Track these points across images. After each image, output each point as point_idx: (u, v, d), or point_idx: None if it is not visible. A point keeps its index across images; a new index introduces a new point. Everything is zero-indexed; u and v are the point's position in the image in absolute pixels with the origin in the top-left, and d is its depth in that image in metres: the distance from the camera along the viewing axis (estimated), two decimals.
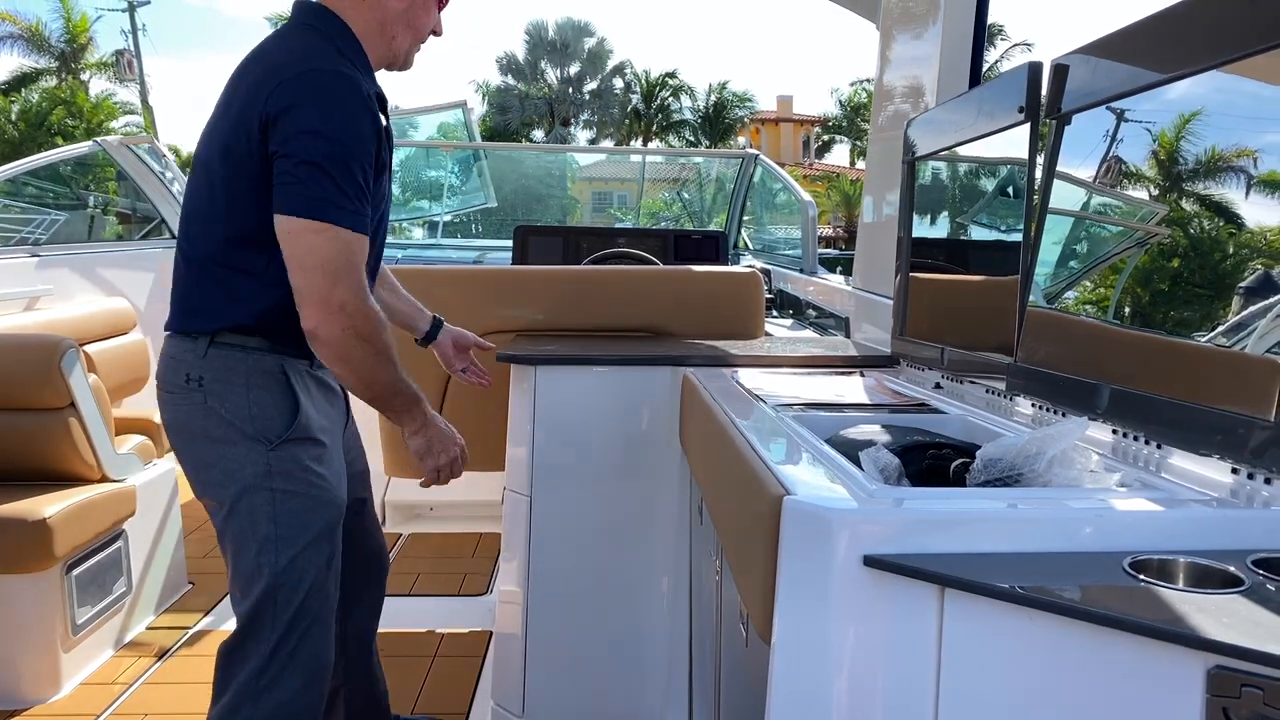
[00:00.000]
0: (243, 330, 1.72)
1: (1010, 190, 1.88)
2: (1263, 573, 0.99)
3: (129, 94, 32.36)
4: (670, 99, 38.54)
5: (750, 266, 4.34)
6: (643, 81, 38.10)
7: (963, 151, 2.10)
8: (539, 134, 35.69)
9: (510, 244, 4.86)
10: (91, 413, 2.93)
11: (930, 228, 2.32)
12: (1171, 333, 1.45)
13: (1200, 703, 0.86)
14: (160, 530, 3.36)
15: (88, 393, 2.93)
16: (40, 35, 31.48)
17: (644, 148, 35.01)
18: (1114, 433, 1.45)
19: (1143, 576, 0.99)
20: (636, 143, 38.30)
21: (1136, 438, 1.40)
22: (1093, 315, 1.68)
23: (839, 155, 40.48)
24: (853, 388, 2.13)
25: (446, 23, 1.94)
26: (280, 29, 1.83)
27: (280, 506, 1.72)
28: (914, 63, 2.79)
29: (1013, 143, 1.81)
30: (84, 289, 4.68)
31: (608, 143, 37.81)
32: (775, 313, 4.46)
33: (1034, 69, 1.74)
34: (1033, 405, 1.72)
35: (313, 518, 1.76)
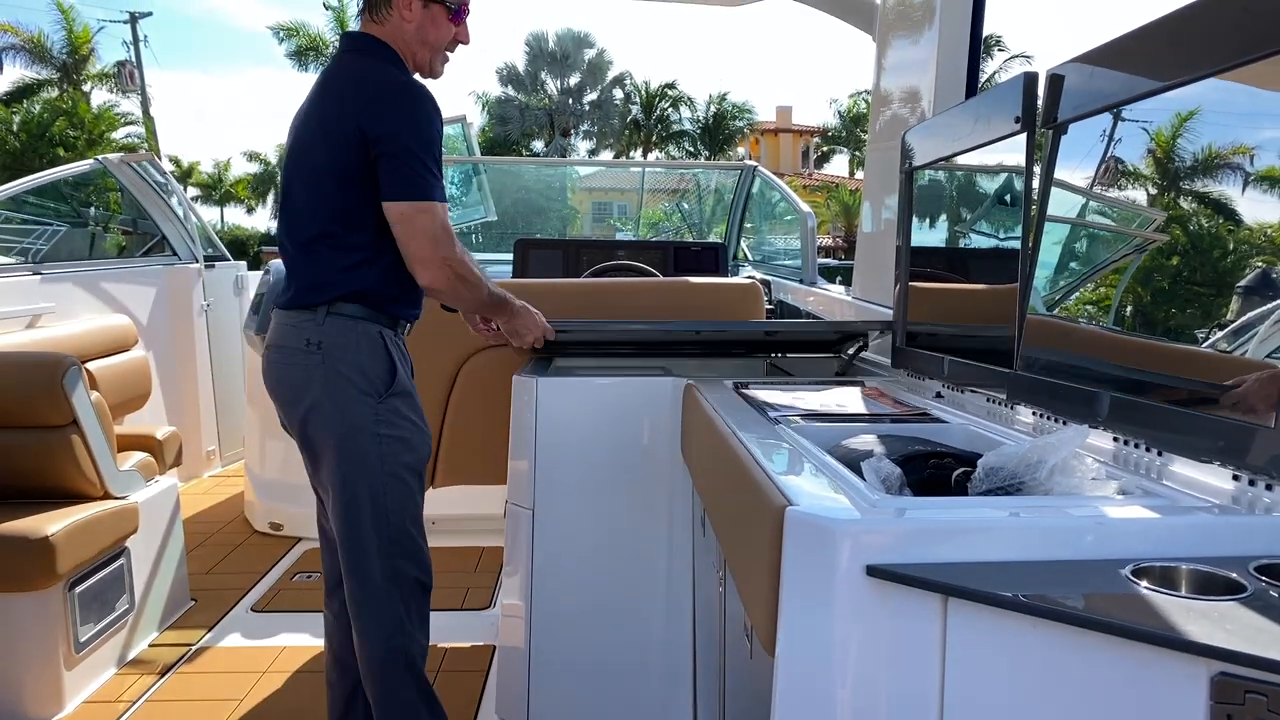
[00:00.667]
0: (352, 299, 2.05)
1: (1008, 199, 1.89)
2: (1265, 579, 0.99)
3: (131, 105, 32.48)
4: (670, 110, 38.61)
5: (750, 278, 4.34)
6: (642, 92, 38.19)
7: (960, 161, 2.11)
8: (539, 145, 35.76)
9: (510, 257, 4.87)
10: (94, 430, 2.94)
11: (929, 237, 2.32)
12: (1171, 339, 1.45)
13: (1204, 709, 0.86)
14: (162, 547, 3.36)
15: (90, 410, 2.93)
16: (42, 46, 31.58)
17: (643, 160, 35.11)
18: (1115, 440, 1.45)
19: (1145, 584, 0.99)
20: (636, 153, 38.39)
21: (1137, 445, 1.40)
22: (1092, 323, 1.69)
23: (838, 165, 40.54)
24: (853, 398, 2.13)
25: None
26: (343, 55, 2.15)
27: (385, 449, 2.06)
28: (911, 73, 2.80)
29: (1010, 152, 1.82)
30: (86, 306, 4.69)
31: (607, 153, 37.92)
32: None
33: (1030, 79, 1.75)
34: (1033, 414, 1.72)
35: (410, 457, 2.12)
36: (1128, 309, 1.58)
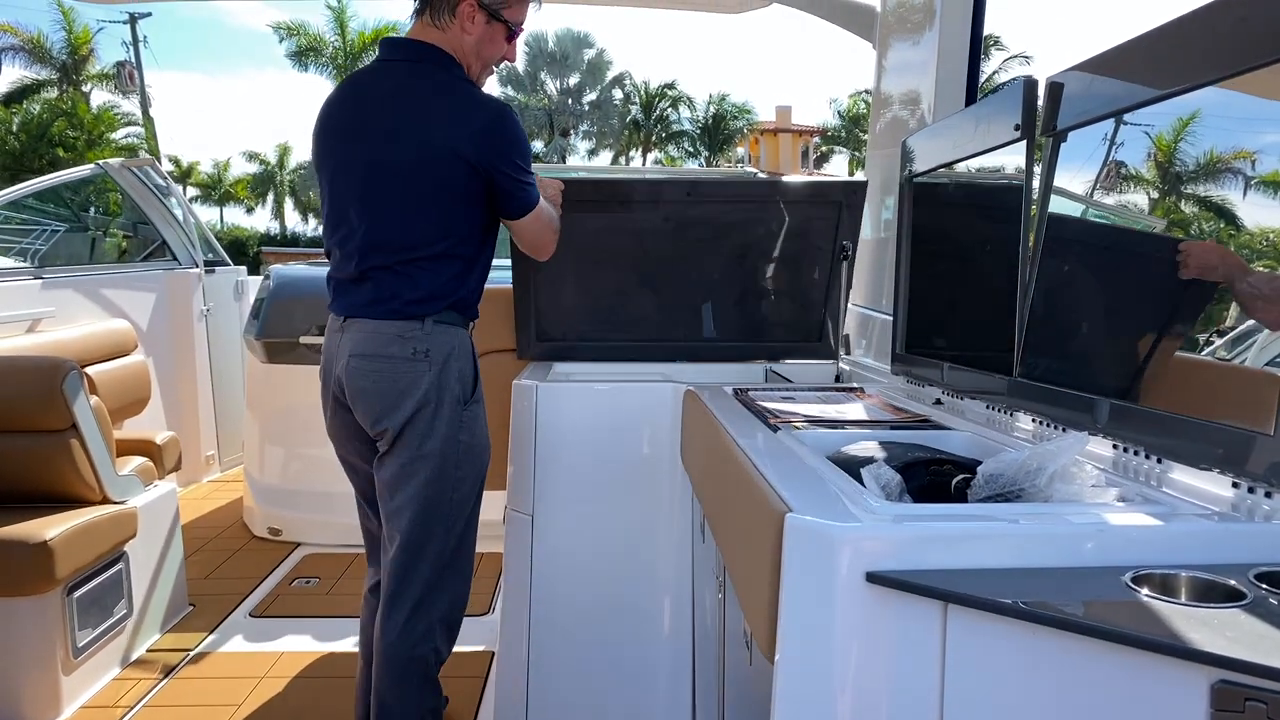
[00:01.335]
0: (452, 308, 2.16)
1: (1008, 206, 1.89)
2: (1265, 587, 0.99)
3: (130, 105, 32.48)
4: (669, 110, 38.62)
5: None
6: (642, 92, 38.20)
7: (960, 168, 2.12)
8: (538, 145, 35.72)
9: (509, 262, 4.85)
10: (93, 434, 2.94)
11: (928, 244, 2.32)
12: (1170, 346, 1.45)
13: (1204, 717, 0.87)
14: (161, 552, 3.35)
15: (89, 415, 2.93)
16: (42, 47, 31.59)
17: (642, 165, 35.12)
18: (1114, 447, 1.46)
19: (1145, 591, 1.00)
20: (636, 153, 38.40)
21: (1137, 452, 1.40)
22: (1091, 330, 1.69)
23: (838, 165, 40.57)
24: (853, 404, 2.13)
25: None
26: (408, 64, 2.15)
27: (463, 454, 2.17)
28: (910, 80, 2.81)
29: (1009, 159, 1.82)
30: (86, 311, 4.69)
31: (607, 153, 37.93)
32: None
33: (1030, 87, 1.75)
34: (1033, 420, 1.72)
35: (480, 463, 2.23)
36: (1126, 317, 1.58)
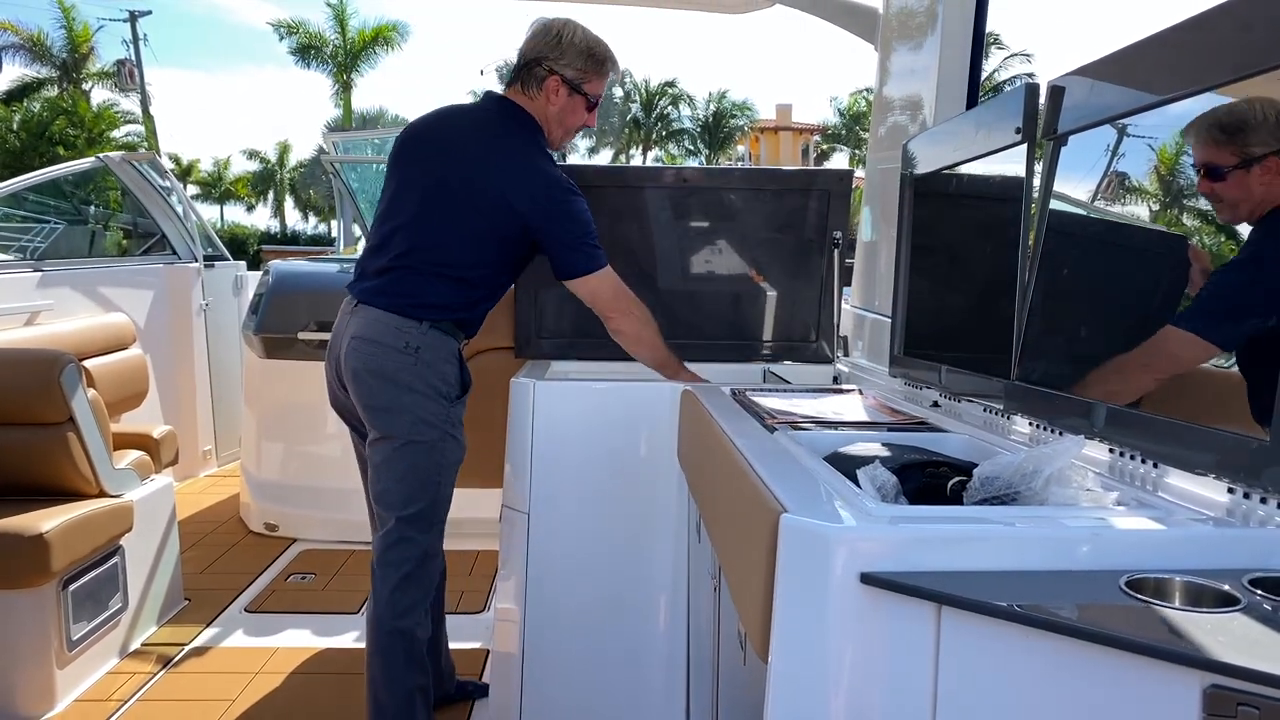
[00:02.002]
0: (451, 319, 2.35)
1: (1008, 209, 1.89)
2: (1259, 592, 1.00)
3: (130, 103, 32.48)
4: (670, 108, 38.64)
5: None
6: (642, 91, 38.21)
7: (960, 171, 2.12)
8: None
9: None
10: (90, 428, 2.94)
11: (928, 246, 2.33)
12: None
13: None
14: (157, 546, 3.35)
15: (86, 408, 2.93)
16: (42, 45, 31.60)
17: (643, 165, 35.08)
18: (1111, 451, 1.46)
19: (1139, 595, 1.00)
20: (636, 151, 38.42)
21: (1133, 456, 1.40)
22: (1090, 334, 1.69)
23: (838, 163, 40.58)
24: (851, 405, 2.13)
25: (442, 47, 2.40)
26: (493, 111, 2.42)
27: (446, 446, 2.33)
28: (911, 82, 2.81)
29: (1010, 162, 1.83)
30: (84, 305, 4.68)
31: (607, 152, 37.95)
32: None
33: (1031, 90, 1.75)
34: (1030, 424, 1.72)
35: (458, 457, 2.39)
36: (1126, 321, 1.59)
